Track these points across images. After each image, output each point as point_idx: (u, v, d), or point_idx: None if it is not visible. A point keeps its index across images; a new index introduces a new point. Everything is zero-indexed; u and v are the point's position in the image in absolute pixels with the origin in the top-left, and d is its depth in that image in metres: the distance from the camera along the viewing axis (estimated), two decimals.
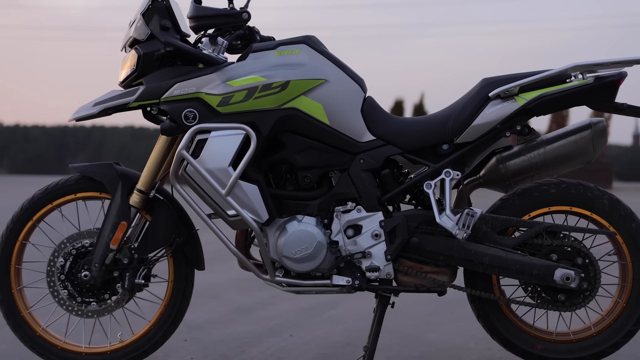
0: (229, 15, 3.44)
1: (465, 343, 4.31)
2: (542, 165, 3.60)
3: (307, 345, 4.23)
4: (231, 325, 4.71)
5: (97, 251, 3.53)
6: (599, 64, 3.47)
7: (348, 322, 4.81)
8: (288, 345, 4.22)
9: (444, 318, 4.96)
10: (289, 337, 4.41)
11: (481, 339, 4.38)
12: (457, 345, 4.24)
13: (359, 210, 3.50)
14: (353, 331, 4.56)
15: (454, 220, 3.43)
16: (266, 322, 4.79)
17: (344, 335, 4.47)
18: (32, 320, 3.68)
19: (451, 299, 5.41)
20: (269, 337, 4.39)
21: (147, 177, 3.57)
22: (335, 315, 5.05)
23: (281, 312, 5.15)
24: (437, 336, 4.45)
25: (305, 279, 3.51)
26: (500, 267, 3.45)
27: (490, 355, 4.02)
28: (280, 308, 5.29)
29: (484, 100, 3.49)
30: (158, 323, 3.66)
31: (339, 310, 5.19)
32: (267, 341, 4.30)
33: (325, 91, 3.47)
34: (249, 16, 3.44)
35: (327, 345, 4.23)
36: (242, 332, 4.53)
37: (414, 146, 3.53)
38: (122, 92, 3.56)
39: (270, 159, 3.52)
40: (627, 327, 3.56)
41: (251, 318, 4.93)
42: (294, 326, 4.69)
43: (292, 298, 5.62)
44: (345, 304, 5.36)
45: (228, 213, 3.43)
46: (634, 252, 3.54)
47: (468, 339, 4.39)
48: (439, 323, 4.81)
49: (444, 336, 4.46)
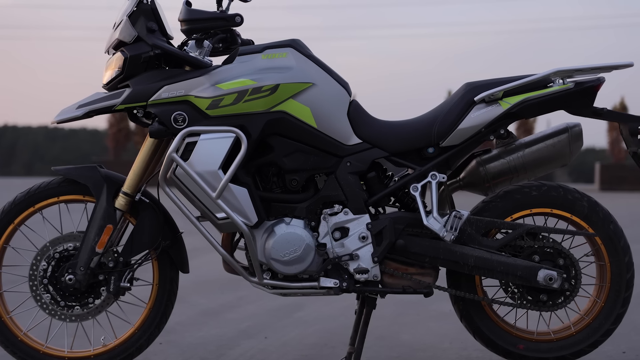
0: (222, 18, 3.44)
1: (440, 343, 4.37)
2: (521, 168, 3.67)
3: (284, 347, 4.24)
4: (203, 327, 4.71)
5: (82, 255, 3.51)
6: (578, 70, 3.56)
7: (319, 324, 4.84)
8: (266, 347, 4.23)
9: (412, 319, 5.02)
10: (264, 339, 4.42)
11: (454, 338, 4.45)
12: (432, 346, 4.30)
13: (346, 212, 3.53)
14: (326, 333, 4.59)
15: (441, 222, 3.48)
16: (237, 325, 4.80)
17: (318, 337, 4.50)
18: (13, 324, 3.64)
19: (414, 300, 5.48)
20: (244, 340, 4.40)
21: (133, 180, 3.56)
22: (305, 317, 5.07)
23: (249, 314, 5.15)
24: (410, 337, 4.51)
25: (292, 282, 3.53)
26: (485, 268, 3.52)
27: (467, 355, 4.08)
28: (247, 310, 5.29)
29: (469, 104, 3.55)
30: (142, 326, 3.65)
31: (306, 312, 5.21)
32: (243, 344, 4.31)
33: (312, 94, 3.49)
34: (241, 20, 3.45)
35: (304, 347, 4.25)
36: (216, 334, 4.53)
37: (400, 149, 3.58)
38: (107, 94, 3.54)
39: (258, 162, 3.53)
40: (606, 326, 3.65)
41: (221, 321, 4.93)
42: (266, 328, 4.70)
43: (257, 300, 5.63)
44: (312, 306, 5.38)
45: (217, 216, 3.44)
46: (612, 253, 3.64)
47: (441, 339, 4.45)
48: (409, 324, 4.86)
49: (416, 337, 4.52)
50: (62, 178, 3.63)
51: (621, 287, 3.64)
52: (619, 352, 4.12)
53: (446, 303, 5.34)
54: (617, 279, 3.64)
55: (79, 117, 3.56)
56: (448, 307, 5.31)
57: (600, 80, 3.60)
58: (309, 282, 3.53)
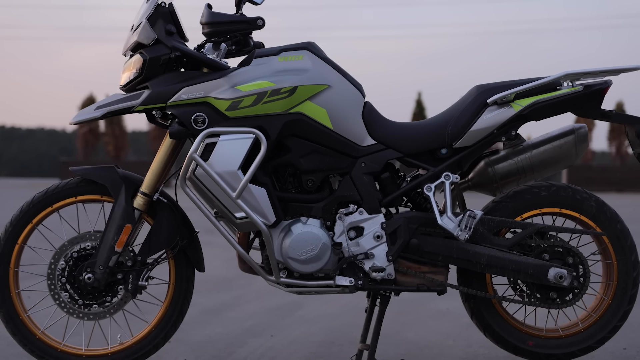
0: (245, 21, 3.49)
1: (444, 340, 4.44)
2: (529, 169, 3.75)
3: (292, 345, 4.30)
4: (207, 326, 4.75)
5: (100, 254, 3.55)
6: (587, 73, 3.65)
7: (321, 322, 4.90)
8: (274, 345, 4.29)
9: (412, 317, 5.09)
10: (271, 337, 4.48)
11: (457, 336, 4.53)
12: (437, 343, 4.38)
13: (360, 212, 3.60)
14: (331, 331, 4.66)
15: (455, 222, 3.56)
16: (240, 323, 4.85)
17: (324, 335, 4.56)
18: (31, 323, 3.67)
19: (411, 299, 5.58)
20: (251, 338, 4.45)
21: (152, 180, 3.61)
22: (306, 315, 5.13)
23: (250, 313, 5.20)
24: (414, 335, 4.58)
25: (308, 280, 3.59)
26: (497, 266, 3.59)
27: (473, 352, 4.16)
28: (247, 309, 5.35)
29: (481, 106, 3.63)
30: (159, 324, 3.69)
31: (307, 311, 5.27)
32: (251, 342, 4.36)
33: (328, 96, 3.56)
34: (263, 23, 3.51)
35: (312, 345, 4.31)
36: (221, 333, 4.58)
37: (413, 150, 3.65)
38: (125, 95, 3.59)
39: (275, 162, 3.59)
40: (613, 323, 3.75)
41: (223, 319, 4.98)
42: (270, 327, 4.76)
43: (255, 299, 5.69)
44: (311, 305, 5.45)
45: (236, 215, 3.49)
46: (619, 251, 3.73)
47: (444, 337, 4.53)
48: (409, 322, 4.94)
49: (420, 335, 4.59)
50: (80, 178, 3.67)
51: (628, 285, 3.73)
52: (619, 349, 4.22)
53: (443, 301, 5.44)
54: (624, 277, 3.73)
55: (98, 118, 3.60)
56: (445, 306, 5.41)
57: (608, 83, 3.69)
58: (324, 280, 3.59)
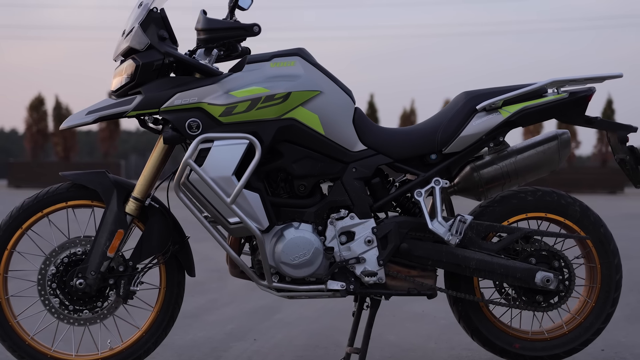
0: (241, 28, 3.51)
1: (426, 343, 4.49)
2: (513, 174, 3.81)
3: (277, 349, 4.33)
4: (189, 330, 4.76)
5: (92, 259, 3.55)
6: (572, 80, 3.72)
7: (302, 326, 4.93)
8: (259, 349, 4.31)
9: (390, 320, 5.13)
10: (254, 341, 4.50)
11: (437, 338, 4.58)
12: (420, 346, 4.42)
13: (352, 217, 3.64)
14: (313, 334, 4.69)
15: (446, 226, 3.61)
16: (221, 327, 4.86)
17: (306, 338, 4.59)
18: (20, 329, 3.66)
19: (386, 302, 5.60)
20: (235, 342, 4.46)
21: (144, 185, 3.61)
22: (285, 318, 5.15)
23: (228, 316, 5.21)
24: (395, 337, 4.62)
25: (300, 284, 3.62)
26: (486, 270, 3.65)
27: (457, 354, 4.21)
28: (225, 313, 5.36)
29: (470, 113, 3.69)
30: (150, 329, 3.70)
31: (285, 314, 5.30)
32: (235, 346, 4.38)
33: (320, 102, 3.59)
34: (259, 29, 3.53)
35: (297, 348, 4.34)
36: (204, 337, 4.58)
37: (403, 155, 3.69)
38: (117, 101, 3.59)
39: (267, 168, 3.62)
40: (597, 325, 3.83)
41: (203, 323, 4.98)
42: (251, 331, 4.77)
43: (231, 302, 5.71)
44: (288, 308, 5.48)
45: (230, 220, 3.51)
46: (603, 255, 3.81)
47: (425, 339, 4.58)
48: (388, 325, 4.98)
49: (402, 337, 4.64)
50: (70, 183, 3.67)
51: (611, 288, 3.81)
52: (597, 350, 4.30)
53: (417, 304, 5.51)
54: (607, 280, 3.82)
55: (89, 123, 3.60)
56: (420, 308, 5.47)
57: (592, 90, 3.77)
58: (316, 284, 3.63)
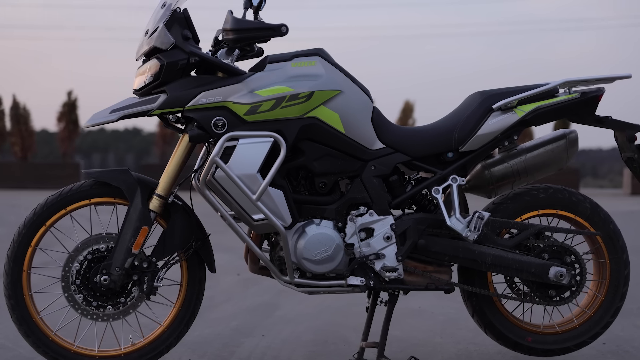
0: (270, 28, 3.57)
1: (431, 338, 4.58)
2: (523, 172, 3.91)
3: (287, 344, 4.39)
4: (194, 327, 4.78)
5: (117, 255, 3.59)
6: (584, 80, 3.83)
7: (305, 322, 4.99)
8: (270, 344, 4.37)
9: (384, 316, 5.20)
10: (262, 337, 4.56)
11: (442, 333, 4.67)
12: (426, 341, 4.51)
13: (371, 214, 3.71)
14: (318, 330, 4.75)
15: (464, 223, 3.70)
16: (226, 324, 4.91)
17: (312, 334, 4.65)
18: (44, 325, 3.69)
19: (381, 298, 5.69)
20: (244, 338, 4.52)
21: (167, 183, 3.66)
22: (286, 315, 5.22)
23: (230, 314, 5.26)
24: (400, 333, 4.70)
25: (321, 280, 3.70)
26: (501, 265, 3.75)
27: (464, 349, 4.31)
28: (225, 310, 5.40)
29: (486, 112, 3.78)
30: (172, 325, 3.76)
31: (285, 311, 5.36)
32: (246, 341, 4.43)
33: (340, 101, 3.67)
34: (287, 30, 3.59)
35: (307, 344, 4.40)
36: (212, 333, 4.64)
37: (421, 154, 3.78)
38: (141, 99, 3.63)
39: (289, 165, 3.68)
40: (606, 319, 3.94)
41: (206, 320, 5.02)
42: (257, 327, 4.83)
43: (228, 300, 5.76)
44: (285, 305, 5.54)
45: (254, 217, 3.57)
46: (612, 251, 3.93)
47: (430, 334, 4.67)
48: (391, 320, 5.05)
49: (406, 332, 4.72)
50: (94, 181, 3.70)
51: (620, 283, 3.93)
52: (599, 343, 4.41)
53: (413, 301, 5.59)
54: (616, 275, 3.93)
55: (113, 121, 3.63)
56: (416, 304, 5.56)
57: (601, 90, 3.88)
58: (336, 280, 3.70)
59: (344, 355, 4.14)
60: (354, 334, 4.63)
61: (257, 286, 6.41)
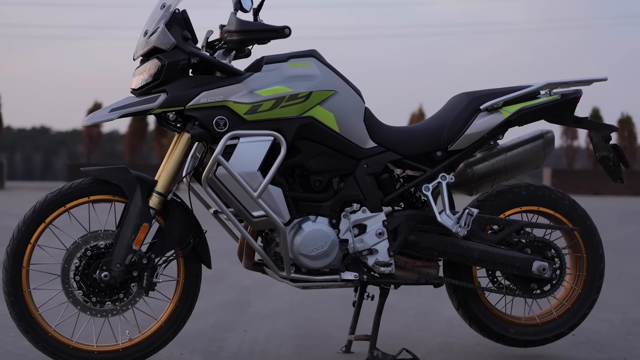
0: (273, 30, 3.66)
1: (409, 332, 4.72)
2: (503, 170, 4.08)
3: (272, 339, 4.48)
4: None
5: (117, 252, 3.65)
6: (564, 83, 4.01)
7: (282, 318, 5.09)
8: (256, 339, 4.46)
9: (363, 311, 5.33)
10: (244, 332, 4.64)
11: (418, 327, 4.82)
12: (405, 334, 4.65)
13: (364, 210, 3.84)
14: (298, 326, 4.86)
15: (454, 219, 3.85)
16: (204, 320, 4.98)
17: (293, 329, 4.75)
18: (43, 321, 3.74)
19: (346, 295, 5.82)
20: (227, 333, 4.60)
21: (167, 180, 3.73)
22: (261, 311, 5.30)
23: (204, 310, 5.32)
24: (381, 327, 4.82)
25: (316, 275, 3.81)
26: (487, 260, 3.91)
27: (444, 341, 4.46)
28: (197, 307, 5.41)
29: (473, 112, 3.94)
30: (169, 320, 3.83)
31: (258, 307, 5.45)
32: (230, 336, 4.52)
33: (335, 101, 3.79)
34: (290, 31, 3.69)
35: (291, 338, 4.50)
36: (194, 329, 4.70)
37: (411, 152, 3.92)
38: (140, 99, 3.70)
39: (286, 164, 3.79)
40: (583, 311, 4.13)
41: None
42: (236, 323, 4.91)
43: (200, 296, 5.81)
44: (257, 302, 5.64)
45: (253, 214, 3.67)
46: (589, 246, 4.11)
47: (406, 328, 4.81)
48: (364, 315, 5.17)
49: (384, 327, 4.81)
50: (93, 178, 3.76)
51: (596, 276, 4.12)
52: (569, 335, 4.60)
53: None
54: (592, 269, 4.12)
55: (113, 119, 3.69)
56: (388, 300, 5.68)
57: (579, 92, 4.06)
58: (330, 275, 3.82)
59: (331, 349, 4.25)
60: (334, 328, 4.75)
61: (222, 284, 6.49)
